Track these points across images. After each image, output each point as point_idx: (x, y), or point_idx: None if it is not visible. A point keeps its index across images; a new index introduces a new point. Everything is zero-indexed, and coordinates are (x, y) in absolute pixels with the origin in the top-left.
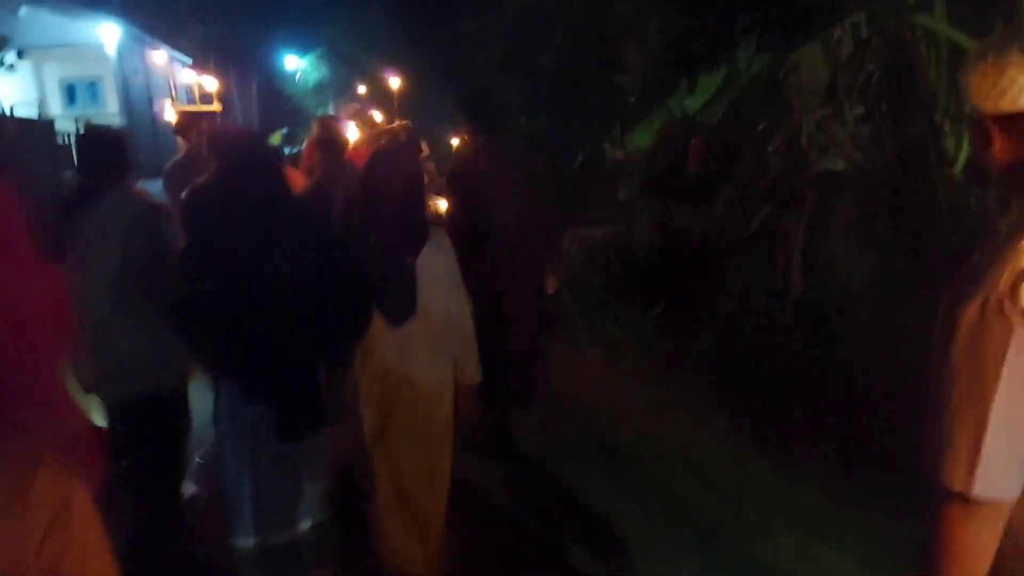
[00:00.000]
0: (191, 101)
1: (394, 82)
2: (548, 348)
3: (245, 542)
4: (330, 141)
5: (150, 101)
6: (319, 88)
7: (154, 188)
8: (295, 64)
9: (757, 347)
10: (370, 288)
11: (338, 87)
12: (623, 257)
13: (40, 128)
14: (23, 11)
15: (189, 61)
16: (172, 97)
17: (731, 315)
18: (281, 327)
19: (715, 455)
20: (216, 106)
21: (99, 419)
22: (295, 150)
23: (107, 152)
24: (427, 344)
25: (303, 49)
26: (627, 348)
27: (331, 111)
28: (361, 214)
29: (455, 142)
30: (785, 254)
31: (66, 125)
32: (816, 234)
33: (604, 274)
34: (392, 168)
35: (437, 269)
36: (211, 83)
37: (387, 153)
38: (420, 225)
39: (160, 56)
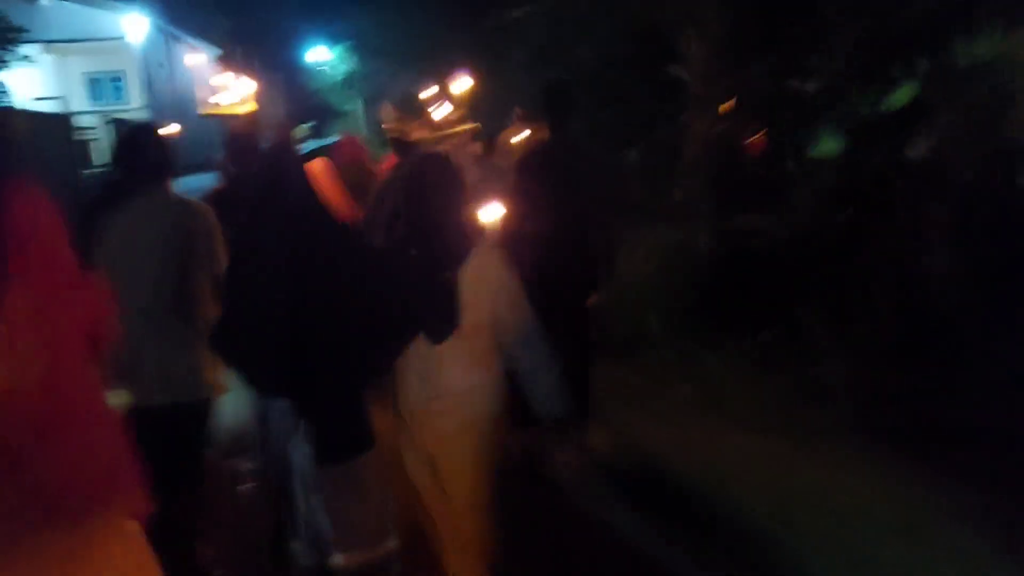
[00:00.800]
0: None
1: (463, 83)
2: (626, 381)
3: (303, 561)
4: (401, 142)
5: (176, 96)
6: (348, 81)
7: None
8: (322, 57)
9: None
10: (410, 304)
11: (368, 80)
12: (707, 268)
13: (55, 122)
14: (45, 2)
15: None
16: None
17: (860, 338)
18: (320, 344)
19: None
20: (252, 106)
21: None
22: (322, 144)
23: (149, 150)
24: (469, 363)
25: (331, 41)
26: (727, 383)
27: (359, 106)
28: (402, 226)
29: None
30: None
31: (88, 120)
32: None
33: (688, 289)
34: (432, 177)
35: (484, 284)
36: (248, 84)
37: (428, 161)
38: (461, 237)
39: (198, 56)
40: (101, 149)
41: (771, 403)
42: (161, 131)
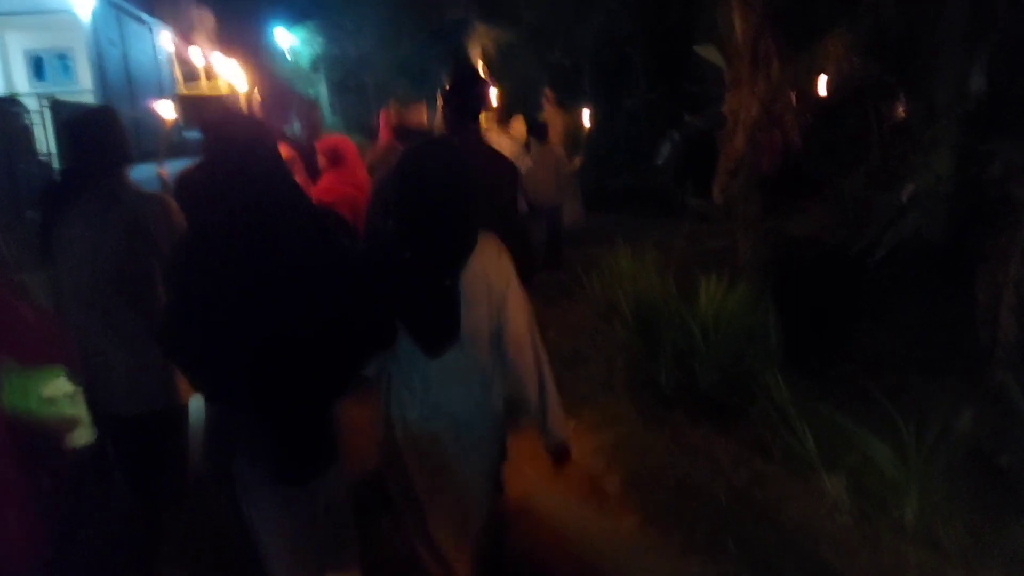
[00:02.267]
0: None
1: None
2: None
3: None
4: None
5: (128, 77)
6: (314, 65)
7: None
8: (286, 39)
9: None
10: (395, 311)
11: (335, 64)
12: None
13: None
14: None
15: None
16: (178, 78)
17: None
18: (284, 351)
19: None
20: (225, 87)
21: (89, 433)
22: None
23: (98, 137)
24: (470, 379)
25: (294, 21)
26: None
27: (324, 92)
28: (394, 222)
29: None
30: None
31: (30, 103)
32: None
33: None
34: (432, 166)
35: (487, 286)
36: (223, 62)
37: (426, 148)
38: (466, 236)
39: (164, 35)
40: (45, 136)
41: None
42: (159, 114)
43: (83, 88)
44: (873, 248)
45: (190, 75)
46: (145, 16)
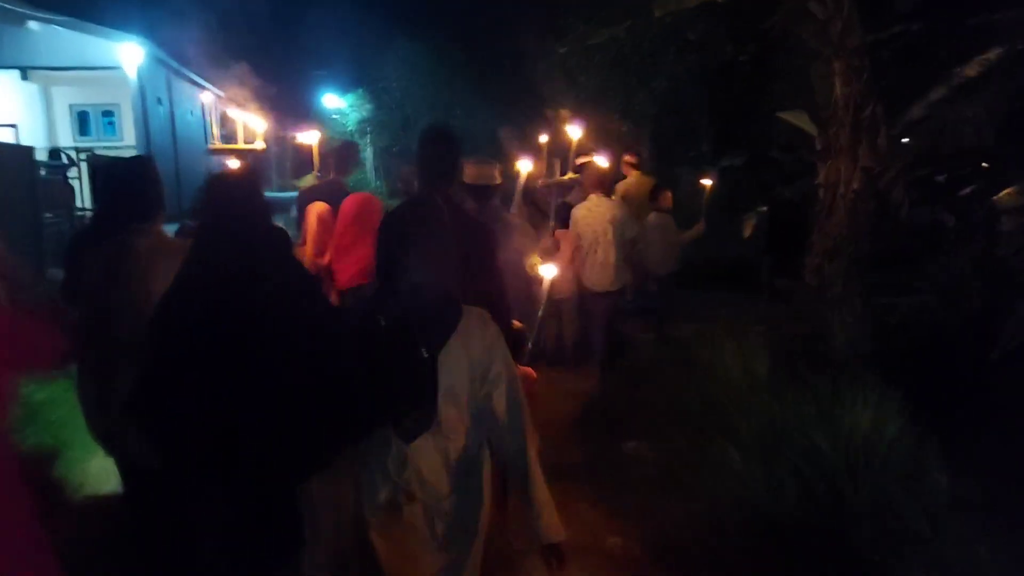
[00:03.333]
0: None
1: (574, 131)
2: None
3: None
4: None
5: (174, 134)
6: (361, 129)
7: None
8: (334, 103)
9: None
10: (371, 387)
11: (382, 128)
12: None
13: (14, 154)
14: (31, 25)
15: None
16: (214, 134)
17: None
18: (251, 425)
19: None
20: (260, 144)
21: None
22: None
23: (129, 184)
24: (450, 464)
25: (345, 88)
26: None
27: (370, 155)
28: (377, 288)
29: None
30: None
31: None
32: None
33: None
34: (414, 230)
35: (470, 363)
36: (258, 123)
37: (410, 209)
38: (447, 305)
39: (207, 96)
40: (80, 190)
41: None
42: (248, 146)
43: (127, 144)
44: (991, 341)
45: (230, 135)
46: (193, 75)
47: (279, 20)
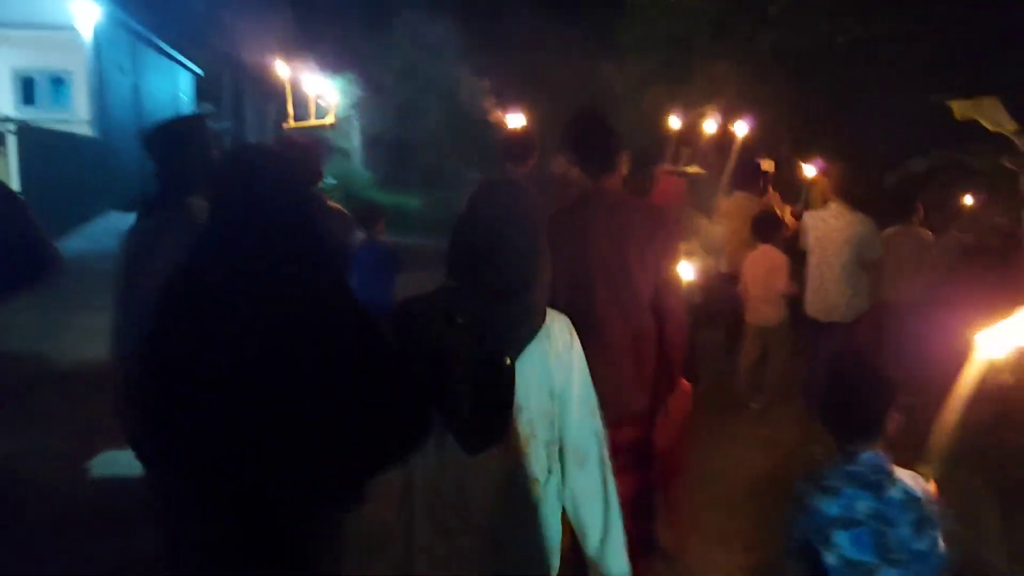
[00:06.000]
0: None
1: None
2: None
3: None
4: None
5: (140, 111)
6: (346, 116)
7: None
8: (319, 87)
9: None
10: (428, 394)
11: (373, 115)
12: None
13: None
14: None
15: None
16: (288, 113)
17: None
18: (281, 436)
19: None
20: (331, 119)
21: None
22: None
23: (176, 152)
24: (515, 488)
25: (331, 71)
26: None
27: (357, 143)
28: (444, 283)
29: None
30: None
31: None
32: None
33: None
34: (497, 215)
35: (550, 378)
36: (331, 93)
37: (490, 192)
38: (532, 304)
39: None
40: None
41: None
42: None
43: (79, 118)
44: None
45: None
46: (168, 48)
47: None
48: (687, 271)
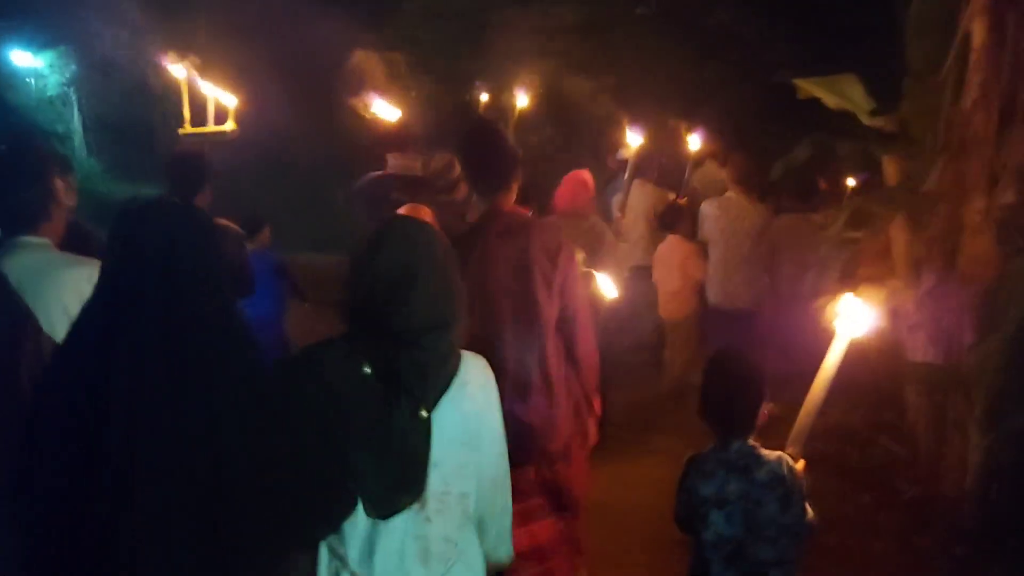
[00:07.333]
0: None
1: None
2: None
3: None
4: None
5: None
6: (64, 96)
7: None
8: (25, 61)
9: None
10: (347, 455)
11: (93, 97)
12: None
13: None
14: None
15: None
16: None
17: None
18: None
19: None
20: (231, 126)
21: None
22: None
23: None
24: (430, 555)
25: (38, 44)
26: None
27: (77, 127)
28: (350, 324)
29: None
30: None
31: None
32: None
33: None
34: (405, 254)
35: (464, 430)
36: (230, 99)
37: (395, 230)
38: (448, 350)
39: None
40: None
41: None
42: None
43: None
44: None
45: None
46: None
47: None
48: (604, 284)
